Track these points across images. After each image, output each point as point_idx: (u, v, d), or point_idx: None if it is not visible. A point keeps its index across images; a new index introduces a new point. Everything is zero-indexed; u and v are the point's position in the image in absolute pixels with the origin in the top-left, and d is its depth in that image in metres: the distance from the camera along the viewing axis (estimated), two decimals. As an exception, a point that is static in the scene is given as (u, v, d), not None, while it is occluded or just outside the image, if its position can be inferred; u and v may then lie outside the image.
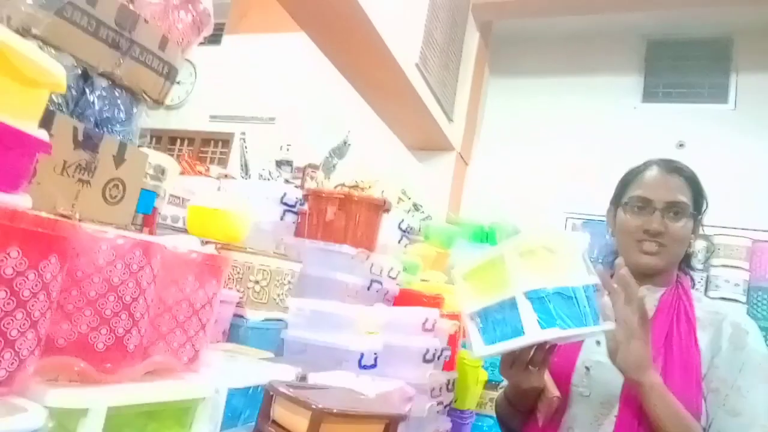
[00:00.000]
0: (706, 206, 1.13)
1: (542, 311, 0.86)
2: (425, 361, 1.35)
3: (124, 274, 0.60)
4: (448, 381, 1.56)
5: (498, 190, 5.03)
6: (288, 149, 5.16)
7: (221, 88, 5.90)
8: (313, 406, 0.71)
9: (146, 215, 1.24)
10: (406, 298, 1.73)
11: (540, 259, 0.88)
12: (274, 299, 1.34)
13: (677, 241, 1.06)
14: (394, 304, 1.72)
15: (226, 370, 0.79)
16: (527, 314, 0.86)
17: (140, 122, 1.10)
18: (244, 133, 3.68)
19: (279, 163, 4.04)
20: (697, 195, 1.10)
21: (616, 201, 1.16)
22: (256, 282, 1.31)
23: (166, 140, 5.95)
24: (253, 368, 0.86)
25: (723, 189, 4.34)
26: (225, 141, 5.84)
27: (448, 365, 1.63)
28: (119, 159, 1.02)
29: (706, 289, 3.51)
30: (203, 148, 5.93)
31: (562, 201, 4.65)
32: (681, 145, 4.62)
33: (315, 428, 0.70)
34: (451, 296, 2.02)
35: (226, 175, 2.22)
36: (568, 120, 5.08)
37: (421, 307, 1.44)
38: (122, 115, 1.06)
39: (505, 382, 1.19)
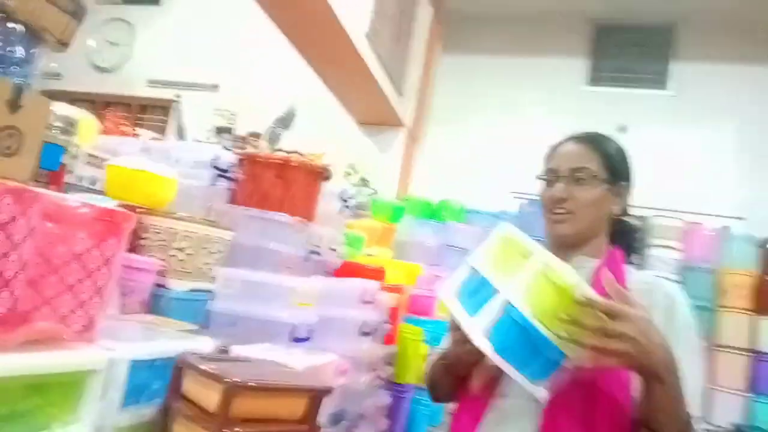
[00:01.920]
0: (627, 176, 1.12)
1: (501, 330, 0.79)
2: (362, 333, 1.30)
3: (-11, 224, 0.51)
4: (387, 355, 1.52)
5: (448, 168, 5.02)
6: (232, 118, 4.94)
7: (161, 52, 5.57)
8: (225, 380, 0.64)
9: (52, 172, 1.11)
10: (347, 271, 1.67)
11: (546, 288, 0.78)
12: (201, 268, 1.25)
13: (584, 206, 1.05)
14: (335, 277, 1.66)
15: (131, 341, 0.70)
16: (488, 317, 0.80)
17: (41, 64, 0.96)
18: (179, 95, 3.48)
19: (219, 130, 3.85)
20: (612, 162, 1.09)
21: (538, 176, 1.15)
22: (180, 249, 1.21)
23: (100, 106, 5.57)
24: (164, 340, 0.78)
25: (661, 172, 4.51)
26: (164, 108, 5.53)
27: (388, 339, 1.59)
28: (13, 104, 0.89)
29: (642, 270, 3.64)
30: (140, 115, 5.59)
31: (510, 180, 4.70)
32: (622, 129, 4.74)
33: (226, 403, 0.63)
34: (394, 270, 1.98)
35: (156, 140, 2.07)
36: (518, 100, 5.11)
37: (360, 278, 1.39)
38: (20, 55, 0.93)
39: (440, 346, 1.15)
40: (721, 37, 4.68)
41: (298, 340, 1.13)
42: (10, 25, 0.91)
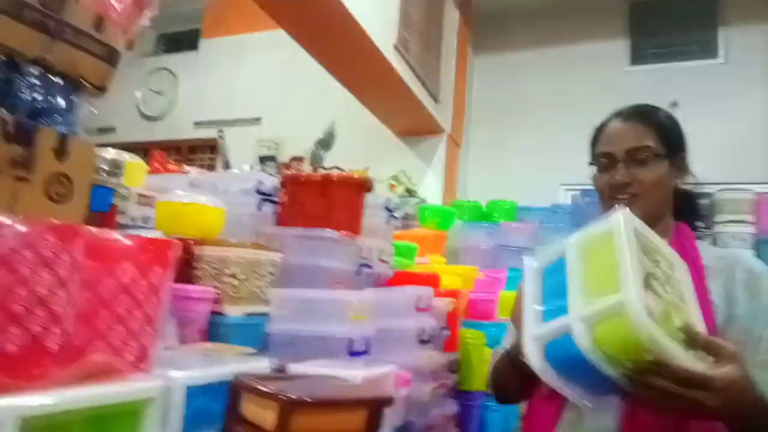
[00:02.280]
0: (684, 145, 1.05)
1: (557, 348, 0.70)
2: (421, 342, 1.27)
3: (35, 263, 0.52)
4: (450, 362, 1.48)
5: (492, 169, 4.94)
6: (276, 147, 5.07)
7: (203, 94, 5.81)
8: (281, 397, 0.62)
9: (104, 213, 1.16)
10: (400, 281, 1.65)
11: (618, 326, 0.66)
12: (255, 292, 1.26)
13: (650, 187, 0.98)
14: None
15: (189, 368, 0.70)
16: (549, 332, 0.72)
17: (84, 112, 1.01)
18: (221, 131, 3.60)
19: (262, 159, 3.95)
20: (668, 135, 1.01)
21: (590, 162, 1.08)
22: (233, 275, 1.22)
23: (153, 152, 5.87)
24: (219, 363, 0.78)
25: (720, 144, 4.25)
26: (212, 147, 5.75)
27: (450, 345, 1.55)
28: (61, 152, 0.93)
29: (714, 246, 3.43)
30: (191, 156, 5.84)
31: (558, 173, 4.55)
32: (674, 105, 4.51)
33: (284, 422, 0.62)
34: (450, 275, 1.94)
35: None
36: (559, 91, 4.97)
37: (412, 286, 1.37)
38: (61, 105, 0.97)
39: (502, 345, 1.10)
40: (769, -6, 4.40)
41: (355, 353, 1.12)
42: (49, 77, 0.95)
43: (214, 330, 1.19)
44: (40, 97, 0.93)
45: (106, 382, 0.60)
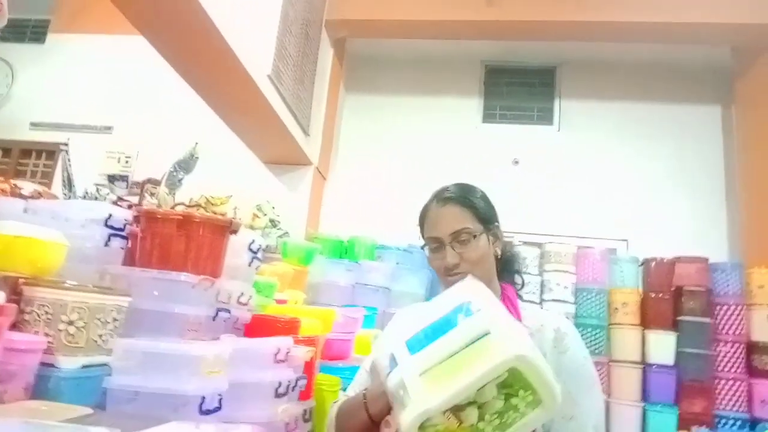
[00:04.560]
0: (495, 216, 1.20)
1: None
2: (277, 395, 1.25)
3: None
4: (305, 411, 1.47)
5: (356, 204, 5.07)
6: (127, 161, 4.67)
7: (45, 92, 5.19)
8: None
9: None
10: (259, 326, 1.61)
11: None
12: (95, 341, 1.14)
13: (476, 263, 1.12)
14: (246, 333, 1.59)
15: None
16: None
17: None
18: (66, 143, 3.23)
19: (112, 178, 3.59)
20: (483, 212, 1.17)
21: (422, 246, 1.21)
22: (70, 323, 1.10)
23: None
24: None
25: (552, 201, 4.86)
26: (50, 152, 5.13)
27: (305, 393, 1.54)
28: None
29: (541, 292, 3.85)
30: (22, 160, 5.13)
31: (415, 213, 4.82)
32: (516, 162, 5.08)
33: None
34: (308, 318, 1.94)
35: (40, 193, 1.90)
36: (418, 137, 5.31)
37: (272, 337, 1.34)
38: None
39: (358, 386, 1.15)
40: (599, 77, 5.21)
41: (207, 412, 1.06)
42: None
43: (43, 384, 1.06)
44: None
45: None
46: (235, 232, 1.51)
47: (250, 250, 1.71)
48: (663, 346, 3.39)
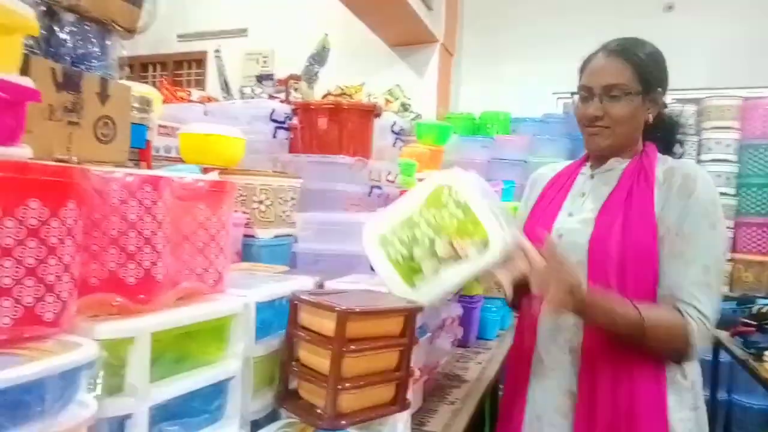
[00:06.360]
0: (661, 81, 1.13)
1: None
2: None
3: (140, 210, 0.62)
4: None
5: (485, 78, 4.91)
6: (265, 61, 4.95)
7: (185, 3, 5.55)
8: (338, 309, 0.76)
9: (141, 150, 1.23)
10: (406, 199, 1.77)
11: None
12: (280, 216, 1.38)
13: (619, 121, 1.09)
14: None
15: (251, 287, 0.83)
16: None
17: (116, 54, 1.06)
18: (218, 50, 3.51)
19: (259, 78, 3.88)
20: (646, 73, 1.09)
21: (573, 93, 1.18)
22: (260, 202, 1.33)
23: (138, 68, 5.70)
24: (274, 283, 0.91)
25: (711, 50, 4.25)
26: (198, 61, 5.60)
27: (454, 257, 1.70)
28: (104, 96, 1.00)
29: (698, 153, 3.55)
30: (177, 71, 5.70)
31: (551, 81, 4.55)
32: (669, 8, 4.43)
33: (342, 328, 0.76)
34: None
35: (208, 98, 2.17)
36: (552, -2, 4.82)
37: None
38: (97, 49, 1.03)
39: None
40: None
41: (377, 268, 1.25)
42: (83, 23, 1.00)
43: (247, 251, 1.33)
44: (78, 44, 0.98)
45: (196, 302, 0.73)
46: (378, 115, 1.63)
47: (393, 131, 1.84)
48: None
